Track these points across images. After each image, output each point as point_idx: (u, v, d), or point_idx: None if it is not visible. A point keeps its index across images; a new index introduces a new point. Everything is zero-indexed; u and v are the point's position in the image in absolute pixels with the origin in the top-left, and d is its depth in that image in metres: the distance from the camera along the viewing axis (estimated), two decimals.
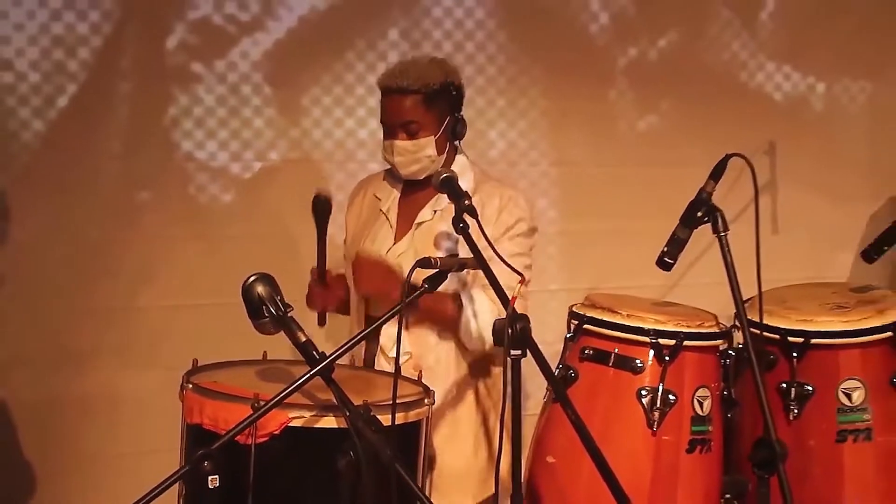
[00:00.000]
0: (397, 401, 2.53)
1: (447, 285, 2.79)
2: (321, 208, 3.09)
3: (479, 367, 3.08)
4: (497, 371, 3.08)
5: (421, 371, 2.91)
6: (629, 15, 4.43)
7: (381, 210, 3.18)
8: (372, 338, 3.02)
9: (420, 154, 3.04)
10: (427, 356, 3.04)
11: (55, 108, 3.71)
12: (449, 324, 3.00)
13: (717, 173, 2.94)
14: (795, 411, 2.96)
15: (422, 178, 3.06)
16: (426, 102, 3.02)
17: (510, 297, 2.48)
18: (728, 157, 2.95)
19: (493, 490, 2.83)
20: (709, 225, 2.94)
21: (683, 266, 3.37)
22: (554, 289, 3.48)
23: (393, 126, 3.06)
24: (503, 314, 2.54)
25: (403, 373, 2.81)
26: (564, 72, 4.37)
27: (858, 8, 4.78)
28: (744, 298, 2.89)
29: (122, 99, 3.82)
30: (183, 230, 3.96)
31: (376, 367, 3.06)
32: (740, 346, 2.98)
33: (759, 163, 4.61)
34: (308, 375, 2.40)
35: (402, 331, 2.76)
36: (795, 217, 4.61)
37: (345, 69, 4.09)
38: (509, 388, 2.41)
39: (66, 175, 3.75)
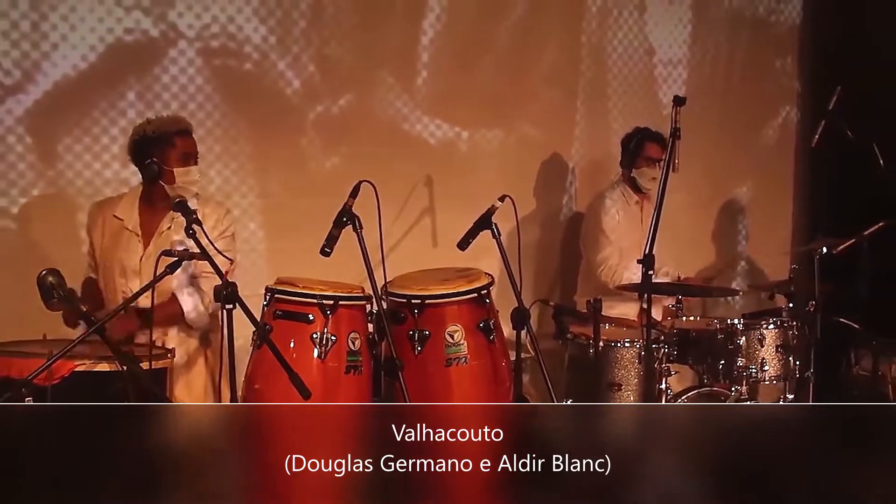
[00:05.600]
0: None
1: (181, 277, 4.04)
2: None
3: (204, 340, 4.30)
4: (216, 338, 4.24)
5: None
6: (315, 81, 5.56)
7: (126, 228, 4.27)
8: None
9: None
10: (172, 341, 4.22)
11: None
12: (180, 320, 4.21)
13: (354, 193, 4.27)
14: (419, 348, 4.26)
15: None
16: None
17: (224, 272, 3.70)
18: (360, 182, 4.27)
19: None
20: None
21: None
22: (262, 293, 4.61)
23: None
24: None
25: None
26: (266, 124, 5.46)
27: (492, 76, 6.00)
28: (390, 279, 4.35)
29: None
30: None
31: None
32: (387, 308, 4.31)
33: (420, 192, 5.96)
34: (89, 332, 3.49)
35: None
36: (450, 234, 5.43)
37: (91, 123, 5.07)
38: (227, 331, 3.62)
39: None
